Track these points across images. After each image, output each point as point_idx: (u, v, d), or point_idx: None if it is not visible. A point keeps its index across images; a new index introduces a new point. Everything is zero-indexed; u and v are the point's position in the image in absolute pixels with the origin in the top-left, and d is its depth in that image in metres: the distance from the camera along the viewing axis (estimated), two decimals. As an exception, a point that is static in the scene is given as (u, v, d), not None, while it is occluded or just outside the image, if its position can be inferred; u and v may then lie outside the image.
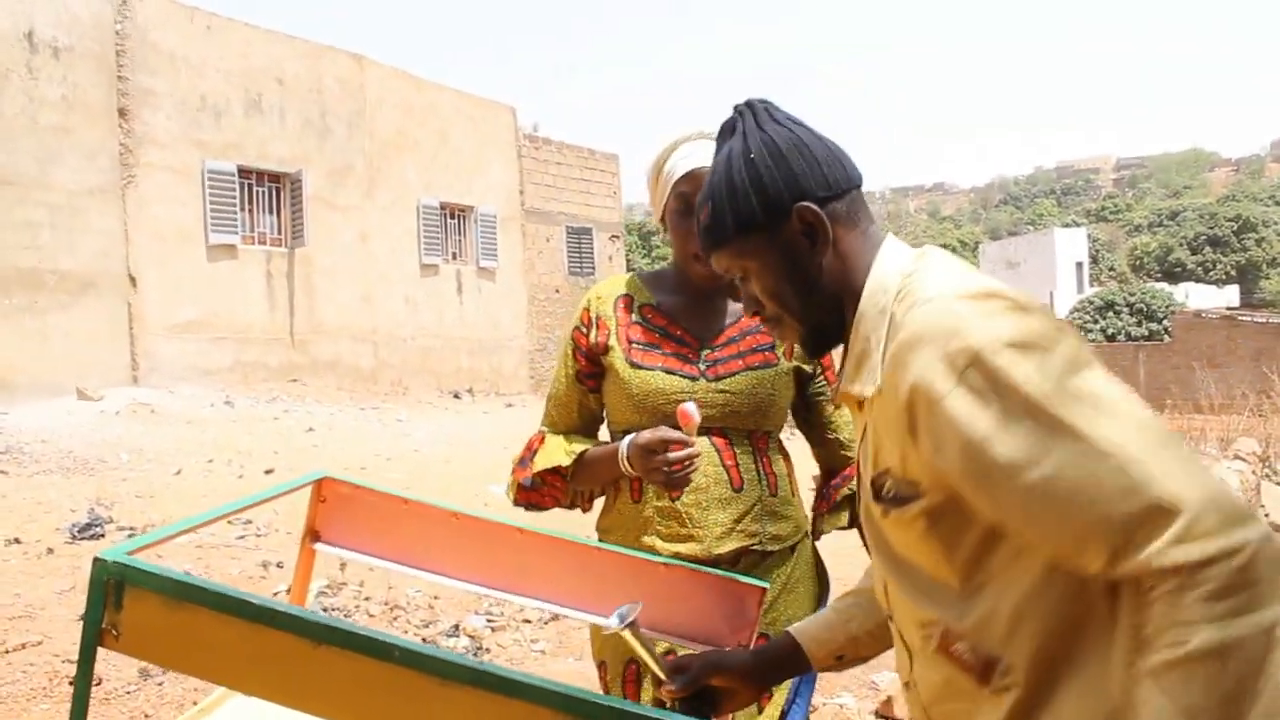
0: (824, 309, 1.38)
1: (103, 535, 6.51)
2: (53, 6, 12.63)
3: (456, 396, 17.38)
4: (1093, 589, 1.11)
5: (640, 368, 2.00)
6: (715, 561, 1.92)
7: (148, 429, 10.91)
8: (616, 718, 0.96)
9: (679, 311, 2.07)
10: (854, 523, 2.06)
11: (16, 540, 6.28)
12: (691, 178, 1.95)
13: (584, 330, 2.08)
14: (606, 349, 2.04)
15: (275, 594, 5.20)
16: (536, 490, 2.07)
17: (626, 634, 1.48)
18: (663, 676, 1.54)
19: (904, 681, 1.37)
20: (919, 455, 1.21)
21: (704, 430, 1.95)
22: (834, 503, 2.12)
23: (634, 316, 2.06)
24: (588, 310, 2.10)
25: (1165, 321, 32.69)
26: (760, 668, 1.59)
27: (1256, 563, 1.00)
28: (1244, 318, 30.03)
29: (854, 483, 2.05)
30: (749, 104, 1.41)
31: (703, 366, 2.01)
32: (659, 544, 1.96)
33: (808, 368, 2.10)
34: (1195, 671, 1.01)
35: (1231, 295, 48.75)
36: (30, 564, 5.82)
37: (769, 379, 2.02)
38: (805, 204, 1.33)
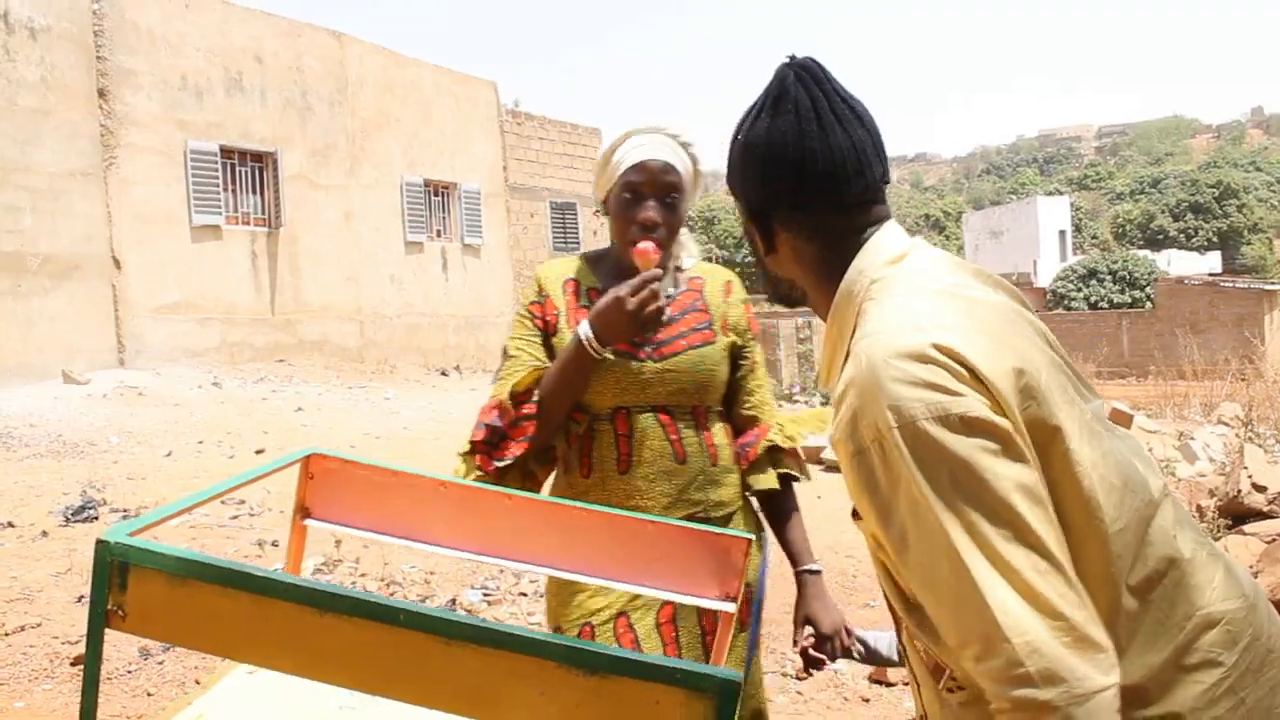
0: (778, 285, 1.46)
1: (96, 518, 6.53)
2: (28, -14, 12.50)
3: (444, 374, 17.38)
4: None
5: None
6: None
7: (136, 411, 10.89)
8: (618, 665, 0.98)
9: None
10: (783, 483, 2.21)
11: (10, 524, 6.29)
12: (641, 168, 2.05)
13: (539, 302, 2.16)
14: (556, 330, 2.12)
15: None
16: (500, 444, 2.05)
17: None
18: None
19: (919, 715, 1.42)
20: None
21: (649, 408, 2.07)
22: (753, 460, 2.19)
23: (581, 300, 2.14)
24: (541, 287, 2.18)
25: (1148, 289, 32.86)
26: None
27: None
28: (1226, 284, 30.22)
29: (770, 434, 2.20)
30: (789, 70, 1.37)
31: (648, 349, 2.09)
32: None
33: (740, 341, 2.19)
34: None
35: (1214, 261, 48.98)
36: (25, 547, 5.83)
37: (709, 356, 2.12)
38: (750, 210, 1.40)
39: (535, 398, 2.04)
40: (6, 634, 4.48)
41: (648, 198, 2.06)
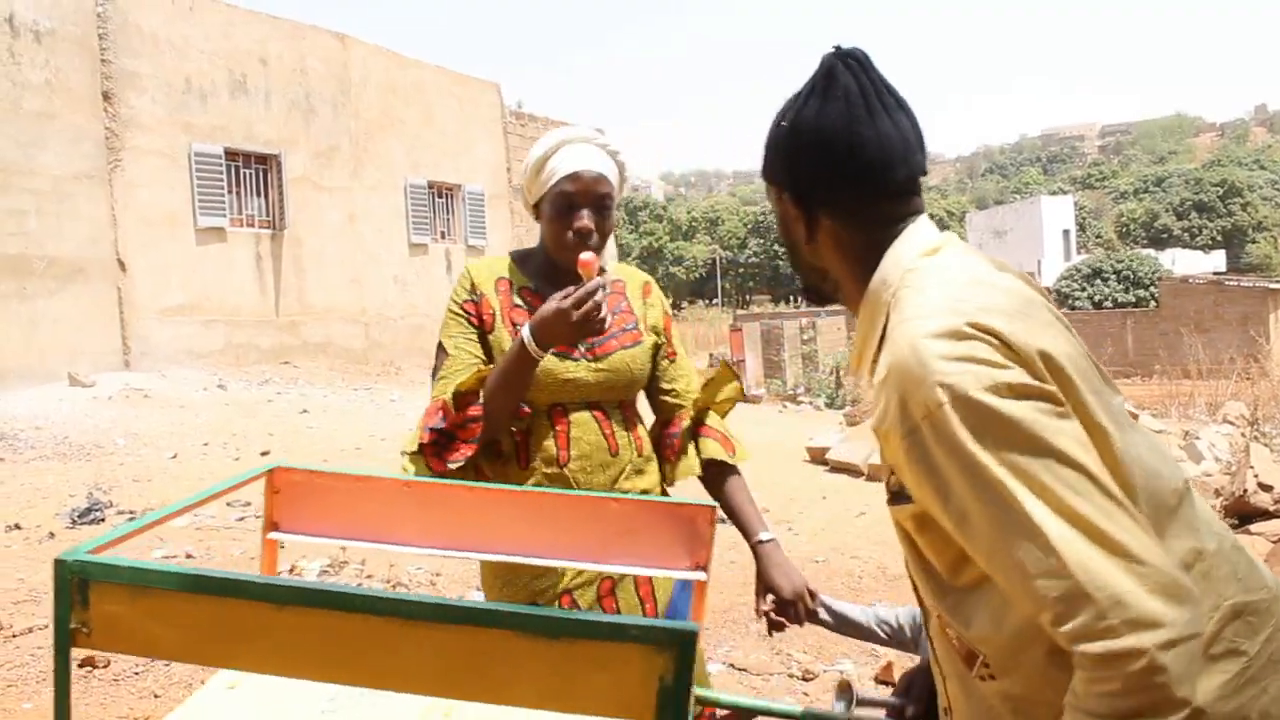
0: (812, 275, 1.47)
1: (103, 519, 6.54)
2: (33, -10, 12.53)
3: (447, 376, 17.39)
4: None
5: None
6: None
7: (141, 413, 10.91)
8: (578, 629, 0.99)
9: (553, 292, 2.18)
10: (706, 469, 2.30)
11: (17, 526, 6.31)
12: (576, 178, 2.14)
13: (474, 300, 2.21)
14: (492, 327, 2.18)
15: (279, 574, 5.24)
16: (448, 444, 2.08)
17: (860, 711, 1.67)
18: (899, 703, 1.68)
19: (942, 708, 1.43)
20: (898, 473, 1.27)
21: (583, 404, 2.17)
22: (679, 449, 2.30)
23: (515, 299, 2.21)
24: (474, 285, 2.22)
25: (1152, 288, 32.82)
26: None
27: (1155, 669, 1.04)
28: (1230, 282, 30.16)
29: (686, 422, 2.31)
30: (837, 59, 1.38)
31: (583, 348, 2.18)
32: None
33: (659, 340, 2.31)
34: None
35: (1218, 260, 48.95)
36: (32, 549, 5.85)
37: (639, 355, 2.24)
38: (792, 196, 1.41)
39: (480, 399, 2.09)
40: (14, 636, 4.49)
41: (582, 206, 2.15)
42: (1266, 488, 6.35)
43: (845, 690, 1.79)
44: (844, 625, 2.25)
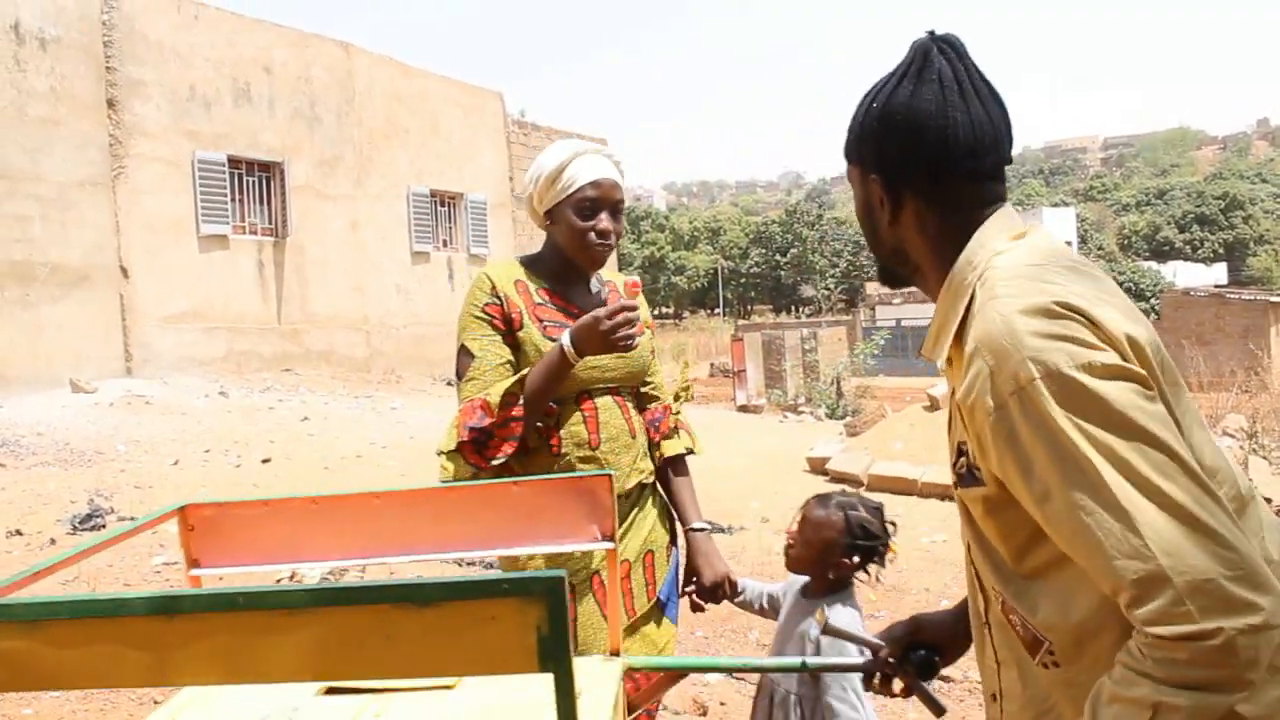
0: (893, 258, 1.48)
1: (104, 526, 6.55)
2: (39, -2, 12.59)
3: (449, 384, 17.40)
4: None
5: (556, 341, 2.28)
6: (624, 495, 2.35)
7: (143, 420, 10.93)
8: (446, 591, 1.00)
9: (569, 294, 2.42)
10: (668, 457, 2.54)
11: (18, 532, 6.32)
12: (597, 185, 2.33)
13: (496, 303, 2.34)
14: (521, 325, 2.33)
15: (278, 581, 5.25)
16: (486, 443, 2.22)
17: (831, 634, 1.86)
18: (878, 642, 1.77)
19: (990, 694, 1.43)
20: (979, 450, 1.28)
21: (607, 391, 2.37)
22: (665, 432, 2.54)
23: (536, 299, 2.37)
24: (495, 287, 2.36)
25: (1154, 300, 32.84)
26: (962, 619, 1.69)
27: (1231, 650, 1.04)
28: (1232, 295, 30.17)
29: (675, 411, 2.58)
30: (933, 43, 1.40)
31: None
32: None
33: (649, 331, 2.53)
34: (1126, 713, 1.10)
35: (1219, 273, 48.96)
36: (33, 555, 5.86)
37: (645, 346, 2.44)
38: (881, 178, 1.42)
39: (520, 400, 2.23)
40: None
41: (602, 210, 2.34)
42: (1265, 500, 6.35)
43: (822, 621, 1.93)
44: (743, 604, 2.59)
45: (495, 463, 2.21)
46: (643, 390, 2.54)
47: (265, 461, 8.96)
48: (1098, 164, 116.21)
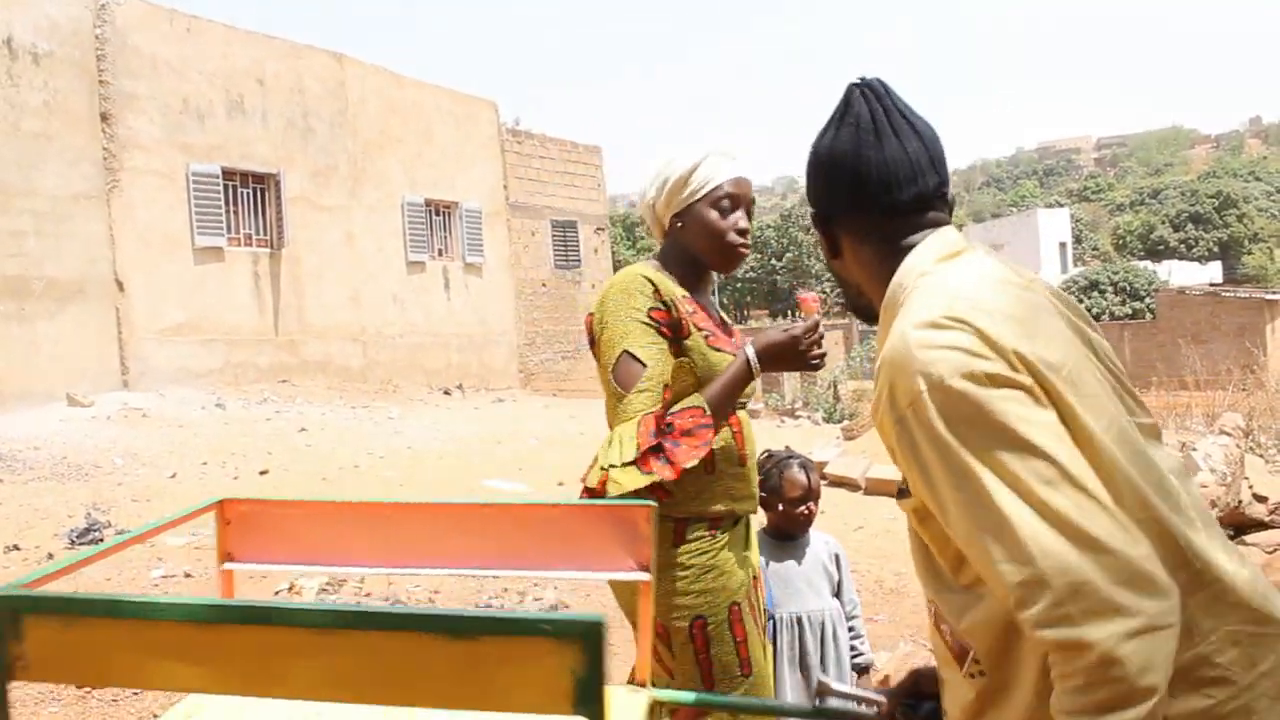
0: (849, 291, 1.55)
1: (101, 539, 6.54)
2: (31, 13, 12.59)
3: (447, 393, 17.41)
4: None
5: (719, 351, 2.25)
6: (752, 512, 2.35)
7: (140, 433, 10.92)
8: (485, 625, 0.99)
9: (703, 301, 2.36)
10: None
11: (16, 547, 6.31)
12: (737, 183, 2.29)
13: (663, 308, 2.21)
14: (689, 333, 2.23)
15: (276, 593, 5.25)
16: (667, 459, 2.09)
17: (838, 700, 1.78)
18: (880, 699, 1.71)
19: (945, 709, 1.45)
20: (897, 462, 1.32)
21: (742, 404, 2.30)
22: None
23: (688, 307, 2.27)
24: (659, 291, 2.22)
25: (1149, 300, 32.88)
26: None
27: (1110, 661, 1.07)
28: (1227, 294, 30.23)
29: None
30: (856, 88, 1.47)
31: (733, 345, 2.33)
32: (734, 507, 2.27)
33: None
34: None
35: (1214, 271, 49.03)
36: (31, 570, 5.84)
37: None
38: (817, 217, 1.51)
39: (707, 410, 2.17)
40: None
41: (740, 207, 2.30)
42: (1261, 499, 6.37)
43: (821, 688, 1.89)
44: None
45: (688, 465, 2.09)
46: None
47: (263, 473, 8.95)
48: (1092, 164, 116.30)
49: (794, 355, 2.18)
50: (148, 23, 14.06)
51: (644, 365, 2.15)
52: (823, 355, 2.20)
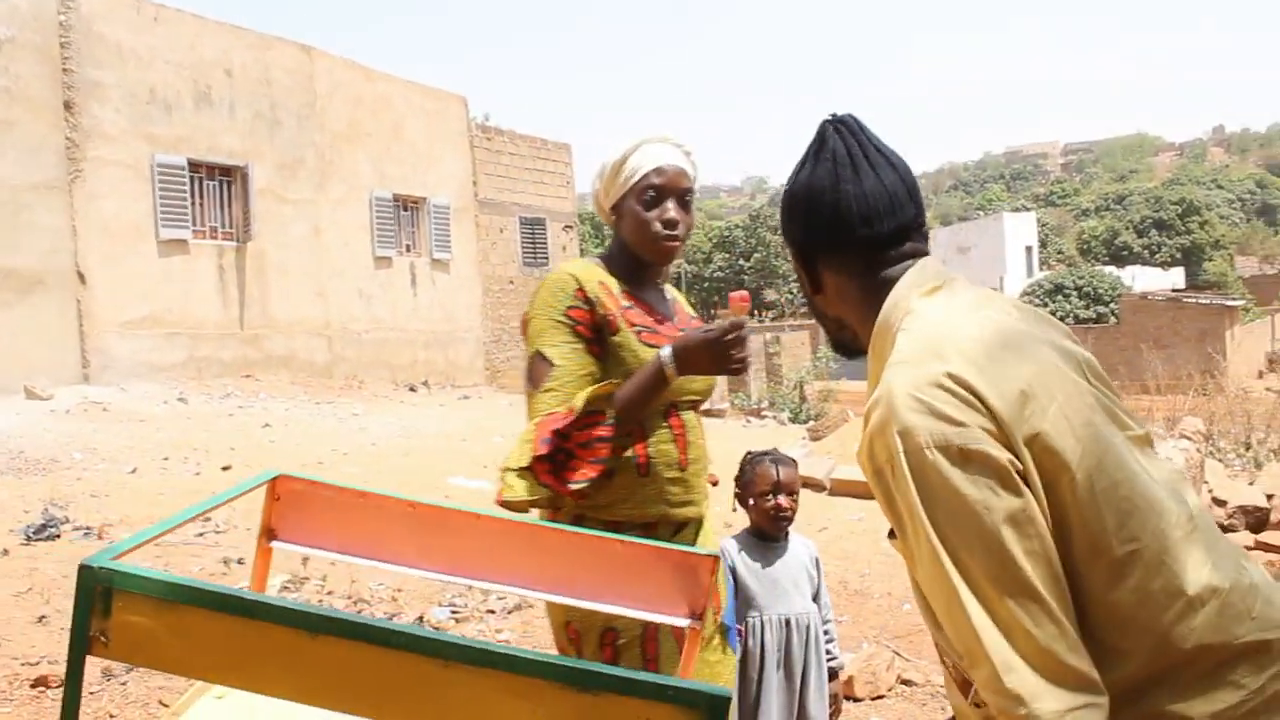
0: (831, 325, 1.57)
1: (58, 536, 6.44)
2: (-7, -2, 12.40)
3: (412, 389, 17.30)
4: None
5: (652, 347, 2.16)
6: (699, 519, 2.24)
7: (100, 427, 10.77)
8: (613, 683, 0.99)
9: (646, 297, 2.28)
10: None
11: (-30, 542, 6.20)
12: (661, 172, 2.20)
13: (584, 307, 2.15)
14: (617, 330, 2.16)
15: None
16: (566, 464, 2.04)
17: None
18: None
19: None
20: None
21: (690, 406, 2.23)
22: None
23: (623, 302, 2.21)
24: (582, 289, 2.16)
25: (1113, 304, 33.23)
26: None
27: None
28: (1189, 299, 30.61)
29: None
30: (829, 125, 1.49)
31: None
32: (670, 511, 2.17)
33: None
34: None
35: (1177, 277, 49.56)
36: (-16, 566, 5.75)
37: None
38: (796, 253, 1.52)
39: (609, 419, 2.06)
40: (-34, 654, 4.41)
41: (668, 198, 2.20)
42: (1221, 503, 6.44)
43: None
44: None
45: (574, 487, 2.00)
46: None
47: (225, 469, 8.85)
48: (1058, 169, 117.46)
49: (712, 358, 2.07)
50: (114, 10, 13.87)
51: (552, 365, 2.11)
52: (744, 359, 2.08)
